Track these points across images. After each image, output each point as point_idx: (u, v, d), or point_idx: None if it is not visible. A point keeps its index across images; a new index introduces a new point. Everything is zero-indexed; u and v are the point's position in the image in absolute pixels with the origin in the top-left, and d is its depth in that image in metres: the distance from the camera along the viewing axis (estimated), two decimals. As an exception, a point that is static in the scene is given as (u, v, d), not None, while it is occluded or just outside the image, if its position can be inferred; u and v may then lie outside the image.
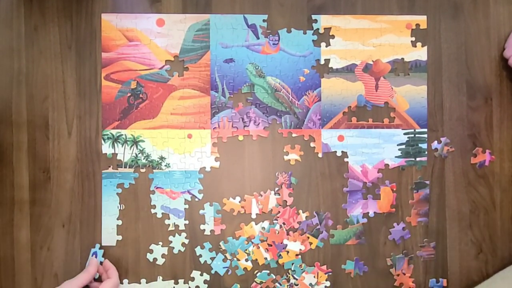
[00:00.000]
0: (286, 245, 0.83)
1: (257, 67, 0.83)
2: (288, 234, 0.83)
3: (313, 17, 0.84)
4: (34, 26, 0.82)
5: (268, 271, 0.83)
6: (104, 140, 0.82)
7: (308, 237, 0.83)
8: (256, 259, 0.83)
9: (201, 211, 0.83)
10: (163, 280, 0.82)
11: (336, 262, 0.84)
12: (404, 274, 0.83)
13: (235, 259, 0.82)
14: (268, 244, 0.83)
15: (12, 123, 0.82)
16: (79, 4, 0.83)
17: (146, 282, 0.82)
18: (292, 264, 0.83)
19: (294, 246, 0.83)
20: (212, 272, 0.82)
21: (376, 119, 0.84)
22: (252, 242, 0.83)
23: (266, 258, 0.83)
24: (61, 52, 0.83)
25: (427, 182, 0.84)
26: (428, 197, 0.84)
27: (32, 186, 0.82)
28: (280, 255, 0.83)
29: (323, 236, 0.83)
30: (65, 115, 0.82)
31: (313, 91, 0.84)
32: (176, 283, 0.82)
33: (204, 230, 0.82)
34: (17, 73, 0.82)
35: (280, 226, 0.83)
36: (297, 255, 0.83)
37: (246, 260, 0.83)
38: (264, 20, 0.83)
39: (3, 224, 0.81)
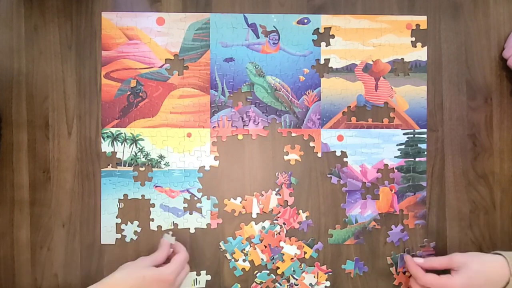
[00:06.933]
0: (282, 247, 0.83)
1: (257, 67, 0.83)
2: (286, 236, 0.83)
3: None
4: (34, 26, 0.82)
5: (268, 271, 0.83)
6: (103, 138, 0.82)
7: (303, 246, 0.83)
8: (252, 260, 0.83)
9: (198, 205, 0.82)
10: (163, 279, 0.82)
11: (336, 262, 0.83)
12: (404, 273, 0.83)
13: (232, 259, 0.82)
14: (264, 245, 0.83)
15: (12, 123, 0.82)
16: (79, 4, 0.83)
17: (146, 282, 0.82)
18: (292, 270, 0.83)
19: (290, 249, 0.83)
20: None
21: (375, 119, 0.84)
22: (252, 242, 0.82)
23: (262, 259, 0.82)
24: (61, 52, 0.83)
25: (424, 184, 0.84)
26: (425, 199, 0.84)
27: (32, 186, 0.82)
28: (273, 258, 0.82)
29: (318, 247, 0.83)
30: (65, 115, 0.82)
31: (312, 91, 0.84)
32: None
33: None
34: (17, 73, 0.82)
35: (281, 226, 0.83)
36: (291, 259, 0.83)
37: (244, 260, 0.83)
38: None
39: (3, 224, 0.81)
